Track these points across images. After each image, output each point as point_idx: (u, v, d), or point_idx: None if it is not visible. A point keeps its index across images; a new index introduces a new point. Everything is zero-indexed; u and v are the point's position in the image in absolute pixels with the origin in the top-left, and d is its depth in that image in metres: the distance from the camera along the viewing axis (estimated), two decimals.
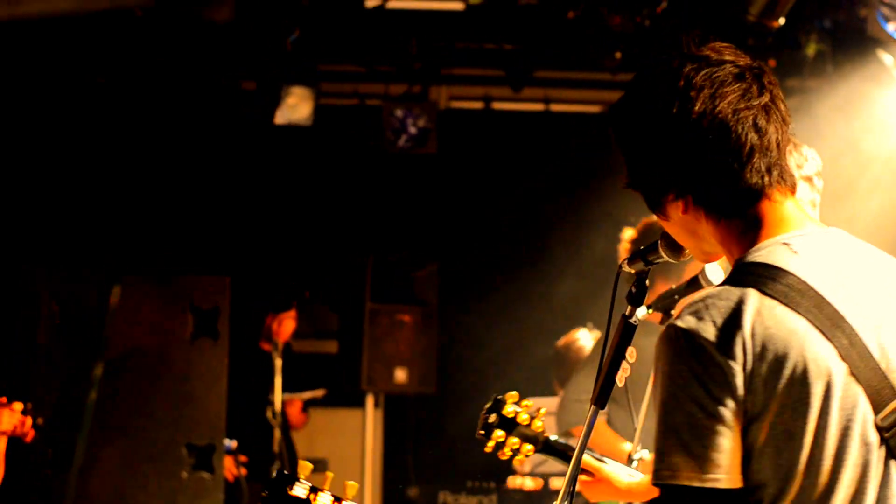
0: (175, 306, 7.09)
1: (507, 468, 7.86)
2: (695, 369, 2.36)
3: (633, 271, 3.39)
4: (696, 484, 2.36)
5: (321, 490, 2.76)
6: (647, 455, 4.36)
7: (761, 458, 2.36)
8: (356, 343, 9.11)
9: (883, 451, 2.37)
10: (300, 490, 2.80)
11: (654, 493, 3.66)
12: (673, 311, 3.97)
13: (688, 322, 2.38)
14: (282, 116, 8.31)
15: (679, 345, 2.38)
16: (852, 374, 2.37)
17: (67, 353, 6.98)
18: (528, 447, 3.91)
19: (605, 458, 3.94)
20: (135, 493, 6.96)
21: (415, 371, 9.12)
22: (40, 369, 7.03)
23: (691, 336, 2.37)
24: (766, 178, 2.50)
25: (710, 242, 2.57)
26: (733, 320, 2.36)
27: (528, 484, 8.00)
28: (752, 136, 2.47)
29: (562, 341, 7.50)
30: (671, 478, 2.38)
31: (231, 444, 7.62)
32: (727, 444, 2.35)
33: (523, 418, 3.88)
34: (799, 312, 2.37)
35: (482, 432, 3.97)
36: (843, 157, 7.01)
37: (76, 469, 6.84)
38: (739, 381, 2.33)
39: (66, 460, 6.84)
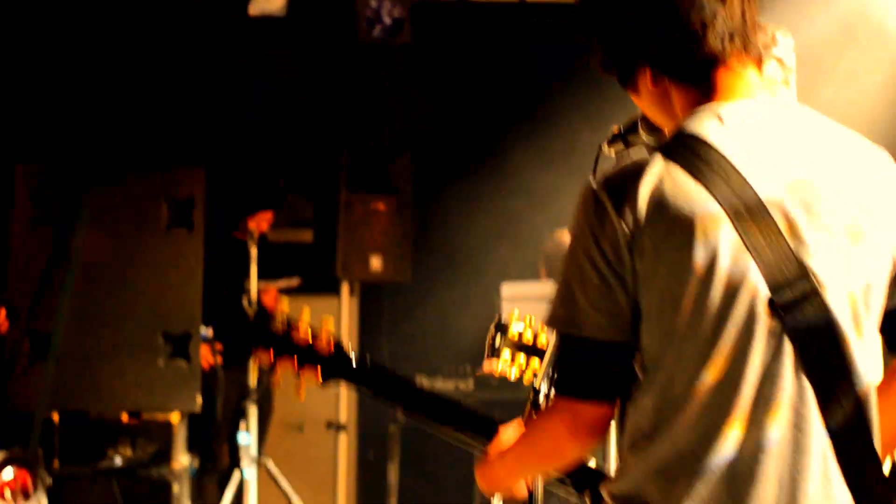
0: (150, 197, 7.11)
1: (482, 353, 7.96)
2: (592, 226, 2.43)
3: (613, 152, 3.43)
4: (574, 333, 2.45)
5: (299, 325, 2.84)
6: None
7: (648, 320, 2.42)
8: (331, 232, 9.15)
9: (776, 325, 2.39)
10: (279, 325, 2.87)
11: None
12: None
13: (597, 182, 2.46)
14: (255, 7, 8.27)
15: (583, 201, 2.46)
16: (747, 247, 2.38)
17: (43, 246, 7.01)
18: (536, 362, 3.96)
19: None
20: (111, 382, 7.03)
21: (389, 259, 9.17)
22: (17, 261, 7.07)
23: (595, 194, 2.44)
24: (728, 45, 2.51)
25: (678, 116, 2.58)
26: (635, 184, 2.41)
27: (512, 372, 8.08)
28: (716, 2, 2.49)
29: (557, 236, 7.52)
30: (553, 325, 2.49)
31: (207, 332, 7.67)
32: (611, 300, 2.42)
33: (528, 337, 3.93)
34: (701, 182, 2.40)
35: (489, 355, 4.02)
36: (820, 42, 7.02)
37: (53, 359, 6.91)
38: (630, 241, 2.39)
39: (42, 350, 6.90)
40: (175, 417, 7.19)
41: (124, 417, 7.15)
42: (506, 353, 3.91)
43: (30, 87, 8.25)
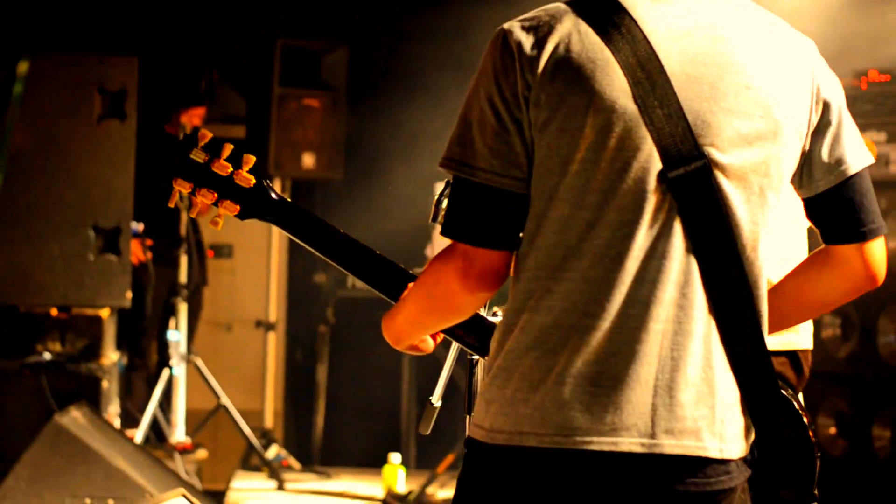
0: (82, 87, 6.96)
1: (416, 253, 7.90)
2: (496, 69, 2.40)
3: None
4: (469, 175, 2.40)
5: (222, 156, 2.73)
6: None
7: (537, 174, 2.38)
8: (264, 128, 9.02)
9: (667, 202, 2.36)
10: (199, 154, 2.76)
11: None
12: None
13: (511, 24, 2.43)
14: None
15: (493, 43, 2.43)
16: (644, 118, 2.35)
17: None
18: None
19: None
20: (41, 273, 6.92)
21: (323, 156, 9.06)
22: None
23: (505, 36, 2.41)
24: None
25: None
26: (546, 34, 2.39)
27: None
28: None
29: None
30: (449, 165, 2.43)
31: (138, 227, 7.56)
32: (507, 145, 2.38)
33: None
34: (609, 47, 2.37)
35: (437, 222, 3.88)
36: None
37: None
38: (530, 91, 2.36)
39: None
40: (105, 313, 7.08)
41: (53, 312, 7.02)
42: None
43: None
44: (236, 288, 9.71)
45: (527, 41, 2.38)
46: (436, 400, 3.48)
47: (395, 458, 7.40)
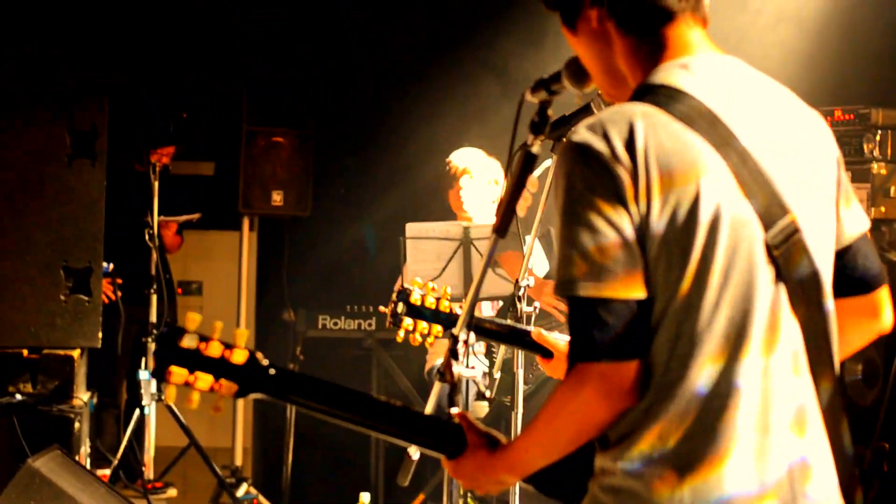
0: (53, 127, 6.96)
1: (386, 290, 7.92)
2: (589, 180, 2.39)
3: (535, 100, 3.39)
4: (593, 294, 2.39)
5: (211, 339, 2.73)
6: (531, 282, 4.41)
7: (655, 272, 2.39)
8: (233, 165, 9.04)
9: (772, 271, 2.42)
10: (189, 341, 2.76)
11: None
12: (565, 139, 3.96)
13: (581, 135, 2.42)
14: None
15: (573, 157, 2.42)
16: (743, 190, 2.40)
17: None
18: (438, 328, 3.93)
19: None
20: (12, 314, 6.90)
21: (291, 193, 9.08)
22: None
23: (585, 148, 2.40)
24: (683, 3, 2.55)
25: (616, 64, 2.60)
26: (627, 133, 2.39)
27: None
28: None
29: (447, 160, 7.51)
30: (566, 289, 2.42)
31: (108, 266, 7.55)
32: (623, 253, 2.38)
33: (430, 302, 3.90)
34: (692, 128, 2.40)
35: (392, 324, 3.98)
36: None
37: None
38: (632, 192, 2.37)
39: None
40: (76, 353, 7.07)
41: (24, 353, 7.00)
42: (407, 321, 3.89)
43: None
44: (205, 325, 9.69)
45: (613, 146, 2.38)
46: (413, 452, 3.51)
47: (365, 497, 7.40)
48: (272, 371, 2.74)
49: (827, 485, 2.47)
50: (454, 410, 2.87)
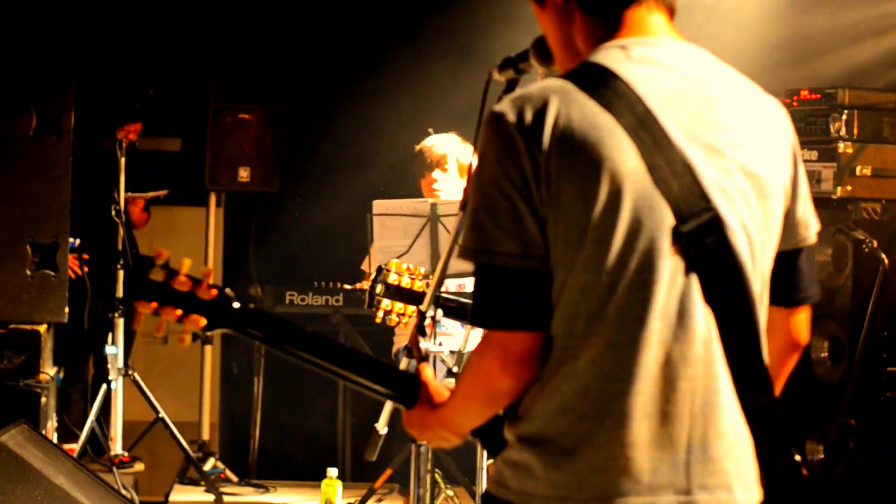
0: (19, 103, 6.94)
1: (354, 269, 7.94)
2: (497, 151, 2.41)
3: (503, 79, 3.42)
4: (489, 262, 2.42)
5: (179, 274, 2.73)
6: None
7: (554, 248, 2.40)
8: (200, 141, 9.02)
9: (681, 261, 2.40)
10: (157, 274, 2.76)
11: None
12: None
13: (501, 106, 2.44)
14: None
15: (488, 125, 2.44)
16: (652, 176, 2.39)
17: None
18: (412, 309, 3.95)
19: None
20: None
21: (258, 169, 9.07)
22: None
23: (499, 118, 2.42)
24: None
25: (575, 42, 2.59)
26: (541, 109, 2.40)
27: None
28: None
29: (420, 146, 7.52)
30: (467, 256, 2.45)
31: (74, 242, 7.55)
32: (522, 226, 2.39)
33: (405, 282, 3.92)
34: (608, 110, 2.40)
35: (372, 308, 4.00)
36: None
37: None
38: (536, 167, 2.38)
39: None
40: (42, 328, 7.06)
41: None
42: (385, 302, 3.91)
43: None
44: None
45: (524, 119, 2.39)
46: (381, 427, 3.54)
47: (332, 472, 7.43)
48: (239, 306, 2.75)
49: (733, 479, 2.45)
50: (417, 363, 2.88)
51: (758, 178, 2.49)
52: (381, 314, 3.99)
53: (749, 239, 2.47)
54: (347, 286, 8.25)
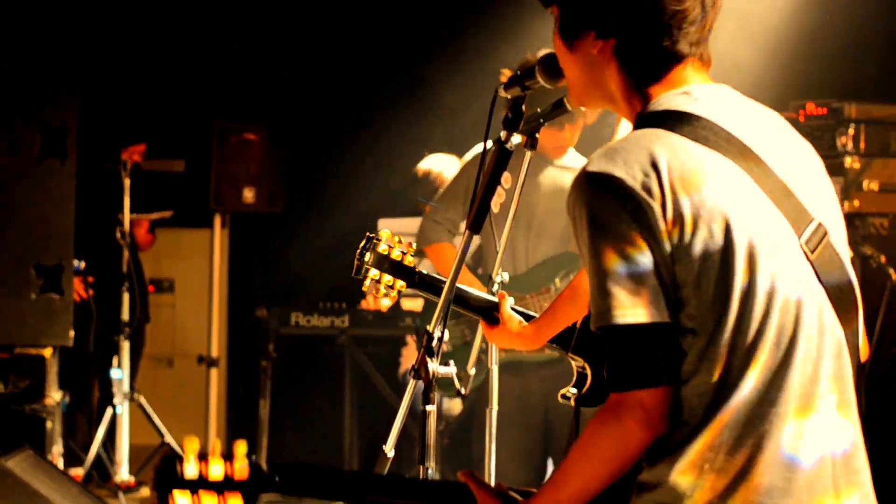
0: (23, 125, 6.92)
1: (358, 289, 7.91)
2: (614, 209, 2.36)
3: (509, 96, 3.39)
4: (628, 321, 2.36)
5: (210, 458, 2.69)
6: (506, 277, 4.38)
7: (690, 296, 2.37)
8: (204, 162, 9.00)
9: (812, 273, 2.43)
10: (192, 471, 2.72)
11: (540, 339, 3.66)
12: (537, 135, 3.94)
13: (600, 165, 2.39)
14: None
15: (595, 188, 2.38)
16: (772, 198, 2.41)
17: None
18: (401, 283, 3.88)
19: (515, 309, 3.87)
20: None
21: (262, 190, 9.05)
22: None
23: (606, 177, 2.37)
24: (692, 50, 2.53)
25: (606, 84, 2.57)
26: (648, 160, 2.37)
27: (384, 304, 8.07)
28: (698, 8, 2.50)
29: (419, 167, 7.51)
30: (602, 320, 2.39)
31: (79, 264, 7.53)
32: (651, 284, 2.36)
33: (396, 254, 3.86)
34: (710, 146, 2.40)
35: (359, 276, 3.92)
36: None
37: None
38: (661, 217, 2.34)
39: None
40: (47, 352, 7.03)
41: None
42: (373, 271, 3.84)
43: None
44: (177, 323, 9.68)
45: (633, 171, 2.36)
46: (388, 449, 3.50)
47: None
48: (277, 477, 2.69)
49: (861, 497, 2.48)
50: (459, 474, 2.81)
51: (824, 195, 2.53)
52: (367, 283, 3.90)
53: (843, 249, 2.52)
54: (353, 305, 8.24)
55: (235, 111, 9.02)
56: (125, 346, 7.78)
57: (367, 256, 3.84)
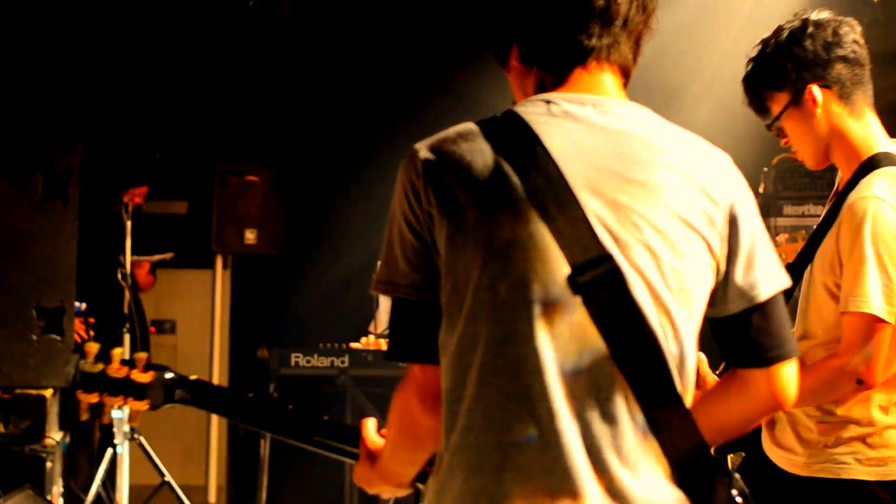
0: (25, 168, 6.97)
1: (359, 329, 7.95)
2: (406, 187, 2.45)
3: None
4: (399, 295, 2.44)
5: (112, 363, 2.75)
6: None
7: (448, 288, 2.39)
8: (206, 203, 9.05)
9: (578, 308, 2.34)
10: (92, 367, 2.77)
11: None
12: None
13: (421, 143, 2.48)
14: None
15: (405, 164, 2.48)
16: (549, 226, 2.35)
17: None
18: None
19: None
20: None
21: (265, 232, 9.10)
22: None
23: (413, 156, 2.47)
24: (597, 47, 2.51)
25: (530, 94, 2.58)
26: (450, 152, 2.42)
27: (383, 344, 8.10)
28: (601, 2, 2.48)
29: None
30: (377, 288, 2.48)
31: (80, 306, 7.56)
32: (426, 261, 2.41)
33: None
34: (505, 158, 2.39)
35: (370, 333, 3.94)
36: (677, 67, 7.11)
37: None
38: (434, 208, 2.40)
39: None
40: (48, 393, 7.06)
41: None
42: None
43: None
44: (179, 364, 9.69)
45: (432, 160, 2.42)
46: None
47: None
48: (174, 379, 2.73)
49: None
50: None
51: (669, 236, 2.40)
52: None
53: (652, 293, 2.39)
54: (353, 344, 8.26)
55: (238, 153, 9.06)
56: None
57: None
